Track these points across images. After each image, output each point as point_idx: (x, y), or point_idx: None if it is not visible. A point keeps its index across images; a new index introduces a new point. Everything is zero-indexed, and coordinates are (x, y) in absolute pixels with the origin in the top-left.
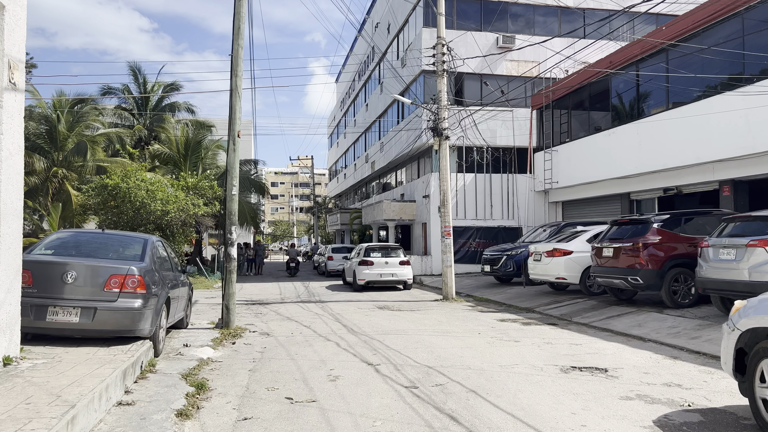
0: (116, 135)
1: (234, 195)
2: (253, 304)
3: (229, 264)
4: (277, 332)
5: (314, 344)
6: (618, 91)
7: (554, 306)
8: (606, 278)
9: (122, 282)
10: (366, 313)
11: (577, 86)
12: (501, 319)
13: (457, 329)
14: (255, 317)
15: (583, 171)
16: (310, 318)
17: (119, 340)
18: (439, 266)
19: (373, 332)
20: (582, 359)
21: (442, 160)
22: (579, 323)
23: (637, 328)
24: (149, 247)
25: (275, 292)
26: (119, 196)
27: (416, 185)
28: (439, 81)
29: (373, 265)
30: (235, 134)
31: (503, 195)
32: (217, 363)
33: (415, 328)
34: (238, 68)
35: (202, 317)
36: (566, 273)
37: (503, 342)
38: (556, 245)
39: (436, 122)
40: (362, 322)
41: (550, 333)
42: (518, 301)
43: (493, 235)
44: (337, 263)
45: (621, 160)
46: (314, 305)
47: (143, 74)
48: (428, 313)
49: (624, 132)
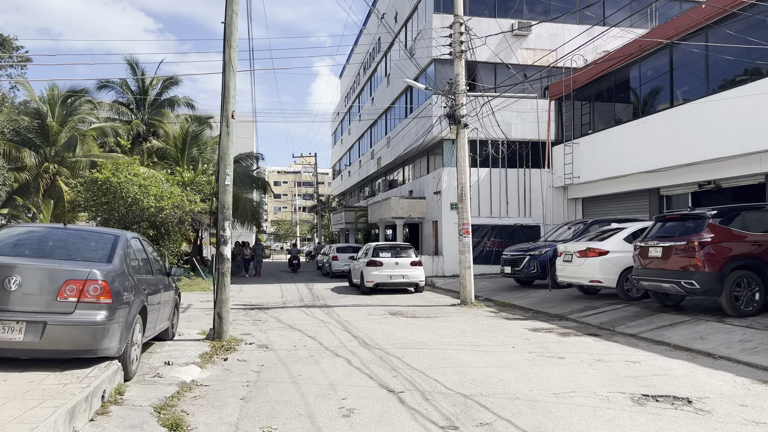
0: (111, 129)
1: (228, 186)
2: (252, 309)
3: (222, 265)
4: (278, 344)
5: (321, 361)
6: (648, 77)
7: (590, 313)
8: (652, 282)
9: (81, 289)
10: (377, 320)
11: (601, 73)
12: (533, 328)
13: (485, 341)
14: (253, 325)
15: (607, 165)
16: (315, 326)
17: (79, 362)
18: (451, 267)
19: (389, 345)
20: (650, 383)
21: (460, 150)
22: (625, 334)
23: (700, 342)
24: (120, 246)
25: (276, 295)
26: (110, 191)
27: (426, 181)
28: (457, 64)
29: (382, 266)
30: (229, 115)
31: (519, 191)
32: (202, 388)
33: (436, 340)
34: (232, 38)
35: (193, 325)
36: (601, 275)
37: (545, 359)
38: (590, 244)
39: (453, 108)
40: (375, 331)
41: (596, 347)
42: (546, 307)
43: (509, 234)
44: (342, 263)
45: (651, 152)
46: (319, 310)
47: (141, 68)
48: (448, 321)
49: (656, 121)
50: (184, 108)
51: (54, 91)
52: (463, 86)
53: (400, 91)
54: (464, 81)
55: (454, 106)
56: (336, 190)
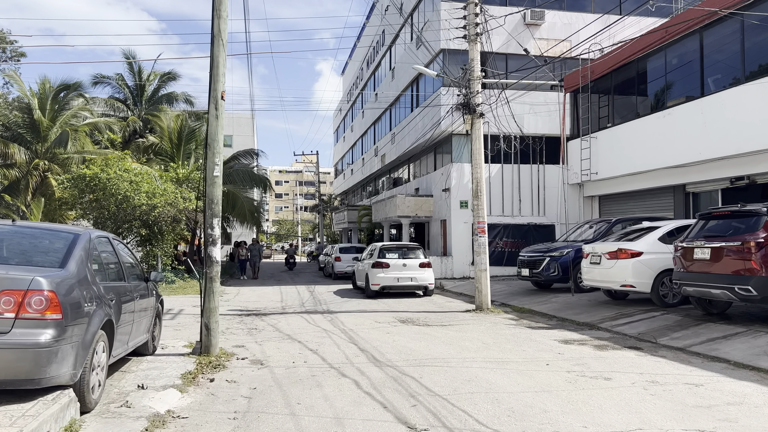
0: (105, 124)
1: (216, 177)
2: (248, 315)
3: (211, 269)
4: (274, 360)
5: (324, 383)
6: (674, 65)
7: (624, 321)
8: (698, 287)
9: (20, 302)
10: (386, 329)
11: (621, 63)
12: (563, 339)
13: (513, 356)
14: (247, 335)
15: (628, 160)
16: (317, 336)
17: (21, 395)
18: (461, 269)
19: (403, 361)
20: (729, 416)
21: (475, 142)
22: (671, 347)
23: (766, 359)
24: (80, 247)
25: (275, 299)
26: (99, 188)
27: (433, 178)
28: (471, 48)
29: (389, 268)
30: (218, 95)
31: (533, 188)
32: (179, 422)
33: (456, 354)
34: (221, 6)
35: (181, 334)
36: (634, 279)
37: (589, 380)
38: (621, 245)
39: (468, 97)
40: (384, 344)
41: (643, 364)
42: (572, 314)
43: (522, 234)
44: (345, 264)
45: (678, 146)
46: (321, 317)
47: (138, 64)
48: (465, 330)
49: (684, 112)
50: (183, 104)
51: (45, 85)
52: (478, 72)
53: (405, 84)
54: (479, 67)
55: (468, 94)
56: (338, 189)
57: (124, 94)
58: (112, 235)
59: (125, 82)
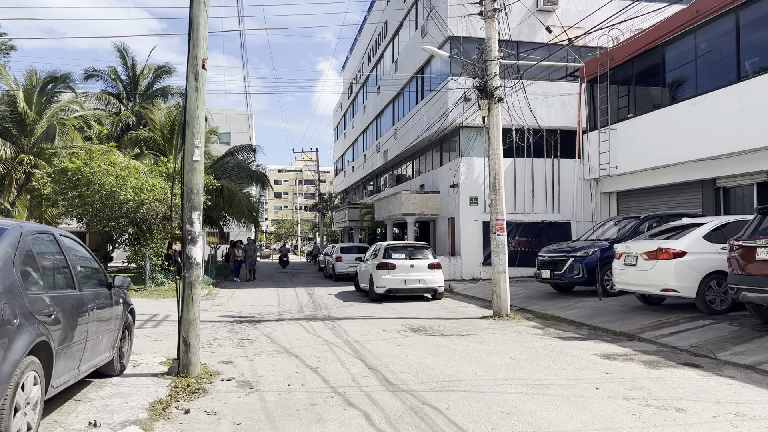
0: (95, 117)
1: (197, 162)
2: (240, 322)
3: (190, 272)
4: (267, 381)
5: (327, 417)
6: (703, 49)
7: (669, 331)
8: (763, 293)
9: None
10: (397, 340)
11: (644, 48)
12: (603, 353)
13: (552, 377)
14: (237, 347)
15: (652, 153)
16: (318, 350)
17: None
18: (470, 270)
19: (422, 384)
20: None
21: (493, 129)
22: (738, 365)
23: None
24: (3, 246)
25: (272, 303)
26: (82, 183)
27: (440, 174)
28: (488, 26)
29: (396, 269)
30: (199, 63)
31: (546, 184)
32: None
33: (484, 374)
34: None
35: (161, 347)
36: (677, 282)
37: (657, 412)
38: (661, 243)
39: (485, 79)
40: (397, 359)
41: (713, 388)
42: (604, 321)
43: (536, 232)
44: (347, 265)
45: (709, 137)
46: (322, 325)
47: (131, 56)
48: (487, 341)
49: (717, 99)
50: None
51: (32, 77)
52: (496, 53)
53: (410, 75)
54: (497, 46)
55: (485, 77)
56: (338, 187)
57: (117, 89)
58: (60, 231)
59: (118, 76)
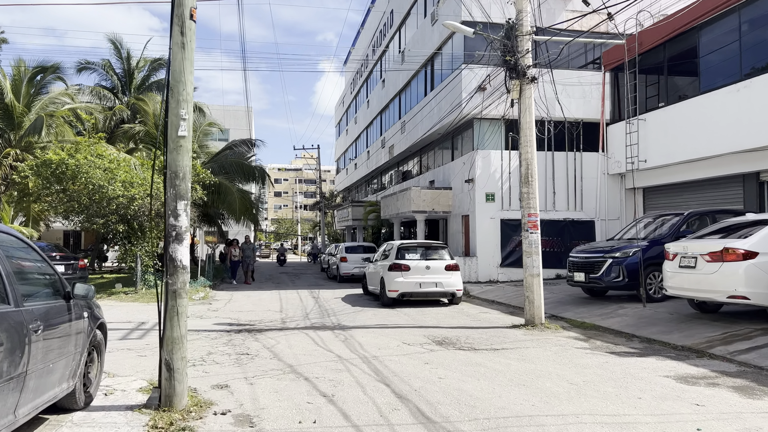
0: (86, 109)
1: (182, 139)
2: (239, 332)
3: (174, 278)
4: (271, 416)
5: None
6: (747, 30)
7: (744, 346)
8: None
9: None
10: (422, 356)
11: (677, 31)
12: (678, 376)
13: (631, 410)
14: (235, 365)
15: (689, 144)
16: (331, 369)
17: None
18: (486, 271)
19: (470, 422)
20: None
21: (525, 113)
22: None
23: None
24: None
25: (274, 308)
26: (67, 176)
27: (452, 169)
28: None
29: (410, 271)
30: (185, 12)
31: (568, 179)
32: None
33: (543, 406)
34: None
35: (145, 363)
36: (747, 288)
37: None
38: (727, 243)
39: (516, 57)
40: (429, 384)
41: None
42: (656, 333)
43: (558, 231)
44: (352, 266)
45: (756, 125)
46: (332, 335)
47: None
48: (529, 358)
49: (766, 83)
50: None
51: (20, 67)
52: (528, 27)
53: (418, 66)
54: (529, 19)
55: (516, 54)
56: (340, 186)
57: (111, 83)
58: None
59: (113, 69)
